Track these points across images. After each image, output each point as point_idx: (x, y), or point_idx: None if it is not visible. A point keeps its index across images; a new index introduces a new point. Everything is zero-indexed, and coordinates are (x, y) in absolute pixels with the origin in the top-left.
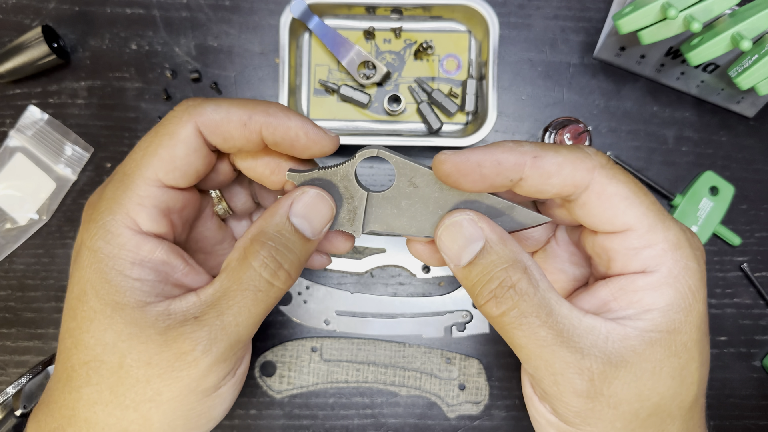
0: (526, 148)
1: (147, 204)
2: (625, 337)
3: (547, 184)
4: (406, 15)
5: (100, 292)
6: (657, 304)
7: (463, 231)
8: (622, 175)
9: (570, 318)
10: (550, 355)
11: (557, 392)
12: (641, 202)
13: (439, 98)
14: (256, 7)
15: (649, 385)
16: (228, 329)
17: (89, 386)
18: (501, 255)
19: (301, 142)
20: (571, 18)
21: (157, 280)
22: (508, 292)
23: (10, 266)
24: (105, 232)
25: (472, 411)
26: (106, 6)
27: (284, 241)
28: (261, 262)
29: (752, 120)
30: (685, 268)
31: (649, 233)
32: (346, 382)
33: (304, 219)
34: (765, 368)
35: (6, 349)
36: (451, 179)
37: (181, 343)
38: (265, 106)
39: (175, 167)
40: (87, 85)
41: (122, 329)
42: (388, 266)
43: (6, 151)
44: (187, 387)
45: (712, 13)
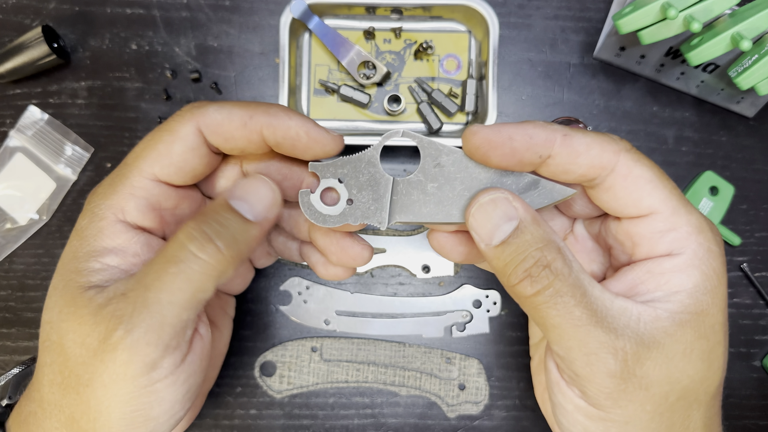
0: (557, 127)
1: (138, 195)
2: (656, 319)
3: (574, 164)
4: (406, 15)
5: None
6: (685, 285)
7: (498, 209)
8: (646, 160)
9: (603, 299)
10: (585, 334)
11: (590, 373)
12: (665, 185)
13: (439, 98)
14: (256, 7)
15: (680, 367)
16: (151, 307)
17: (47, 366)
18: (535, 235)
19: (302, 142)
20: (571, 18)
21: (120, 268)
22: (544, 271)
23: (10, 266)
24: (92, 215)
25: (472, 411)
26: (106, 6)
27: (218, 217)
28: (187, 233)
29: (752, 120)
30: (709, 250)
31: (674, 216)
32: (346, 382)
33: (242, 200)
34: (765, 368)
35: (6, 349)
36: (480, 152)
37: (108, 322)
38: (267, 106)
39: (171, 163)
40: (87, 85)
41: (63, 307)
42: (388, 266)
43: (6, 151)
44: (114, 373)
45: (712, 13)
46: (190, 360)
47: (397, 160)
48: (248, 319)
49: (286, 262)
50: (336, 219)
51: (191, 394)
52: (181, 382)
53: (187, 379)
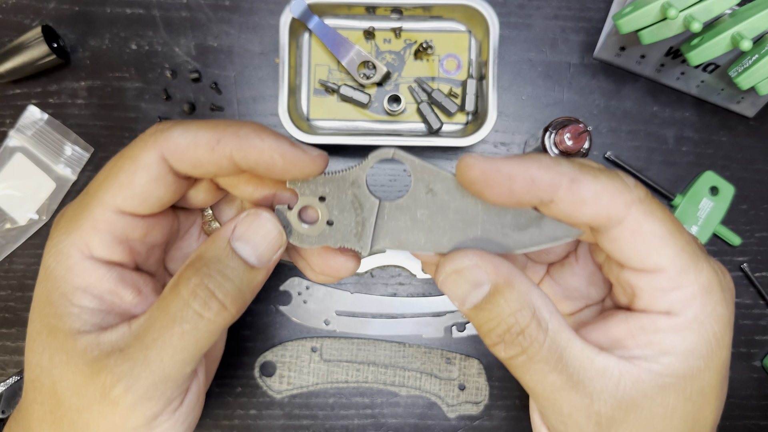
0: (564, 169)
1: (102, 229)
2: (637, 380)
3: (579, 212)
4: (406, 15)
5: (42, 313)
6: (677, 348)
7: (467, 277)
8: (660, 212)
9: (581, 359)
10: (559, 399)
11: (565, 431)
12: (676, 242)
13: (439, 98)
14: (256, 7)
15: (659, 429)
16: (151, 366)
17: (36, 404)
18: (508, 299)
19: (277, 166)
20: (571, 18)
21: (99, 309)
22: (517, 338)
23: (10, 266)
24: (57, 252)
25: (472, 411)
26: (106, 6)
27: (221, 267)
28: (191, 291)
29: (752, 120)
30: (713, 313)
31: (680, 275)
32: (346, 382)
33: (248, 244)
34: (765, 368)
35: (6, 349)
36: (475, 187)
37: (105, 377)
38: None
39: (134, 194)
40: (87, 85)
41: (54, 355)
42: (388, 266)
43: (6, 151)
44: (114, 424)
45: (712, 13)
46: (188, 401)
47: (385, 179)
48: (248, 319)
49: (285, 262)
50: (314, 240)
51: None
52: (180, 424)
53: (185, 419)
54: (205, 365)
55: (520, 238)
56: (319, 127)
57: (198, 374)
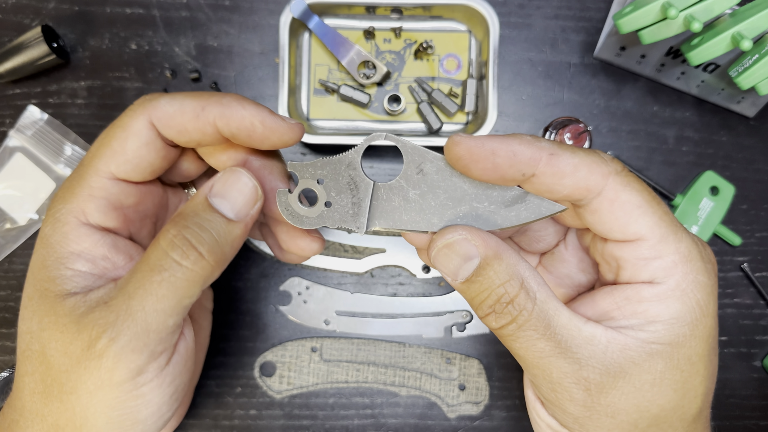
0: (544, 144)
1: (97, 195)
2: (625, 348)
3: (559, 184)
4: (406, 15)
5: (36, 278)
6: (662, 316)
7: (458, 250)
8: (637, 183)
9: (569, 327)
10: (548, 365)
11: (556, 399)
12: (654, 211)
13: (439, 98)
14: (256, 6)
15: (648, 397)
16: (134, 314)
17: (28, 375)
18: (497, 271)
19: (257, 132)
20: (572, 18)
21: (91, 273)
22: (507, 307)
23: (10, 266)
24: (54, 220)
25: (472, 411)
26: (105, 6)
27: (198, 220)
28: (169, 241)
29: (752, 120)
30: (695, 281)
31: (661, 244)
32: (346, 382)
33: (224, 198)
34: (765, 368)
35: (6, 349)
36: (461, 163)
37: (91, 330)
38: (220, 96)
39: (126, 160)
40: (87, 85)
41: (43, 317)
42: (388, 266)
43: (6, 151)
44: (100, 380)
45: (712, 12)
46: (175, 361)
47: (380, 162)
48: (248, 319)
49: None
50: (313, 221)
51: (178, 394)
52: (167, 384)
53: (173, 380)
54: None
55: (507, 214)
56: (319, 127)
57: (185, 335)
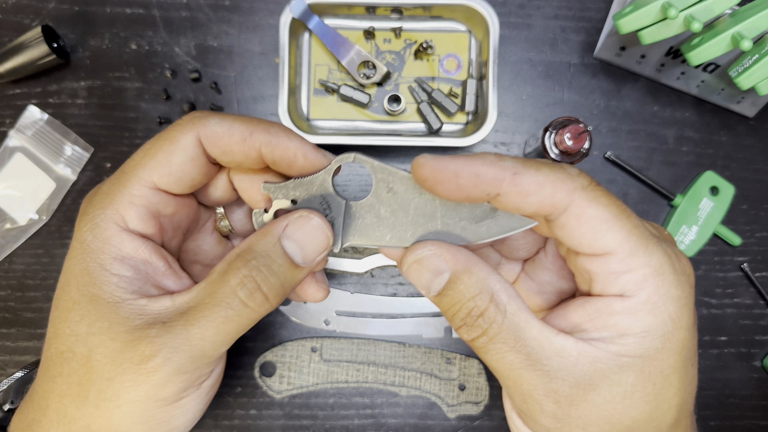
0: (507, 164)
1: (137, 203)
2: (595, 360)
3: (524, 203)
4: (406, 15)
5: (81, 283)
6: (633, 329)
7: (428, 265)
8: (604, 198)
9: (539, 339)
10: (518, 377)
11: (528, 411)
12: (622, 225)
13: (439, 98)
14: (256, 7)
15: (620, 409)
16: (192, 341)
17: (62, 377)
18: (467, 284)
19: (299, 164)
20: (572, 18)
21: (136, 278)
22: (477, 320)
23: (10, 266)
24: (93, 225)
25: (472, 411)
26: (106, 6)
27: (269, 262)
28: (239, 281)
29: (752, 120)
30: (666, 295)
31: (630, 258)
32: (346, 382)
33: (297, 244)
34: (765, 368)
35: (6, 349)
36: (427, 184)
37: (145, 347)
38: (268, 125)
39: (171, 172)
40: (87, 85)
41: (94, 322)
42: (388, 266)
43: (6, 151)
44: (146, 393)
45: (712, 12)
46: (211, 380)
47: (351, 183)
48: None
49: None
50: None
51: (210, 399)
52: (204, 394)
53: (209, 390)
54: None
55: (477, 230)
56: (319, 127)
57: (223, 357)
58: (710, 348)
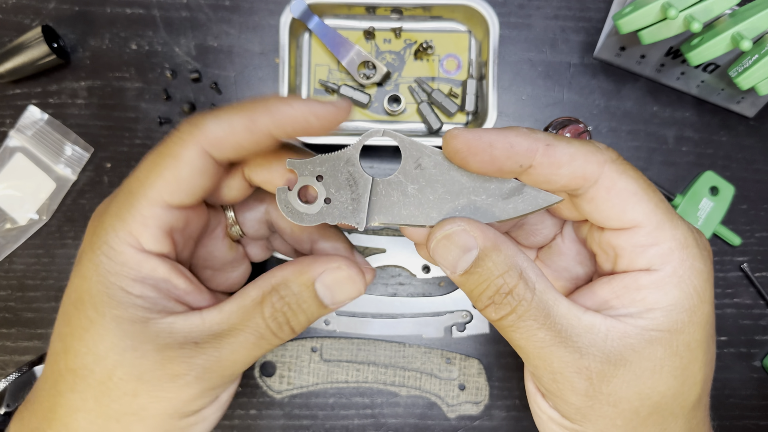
0: (540, 135)
1: (150, 224)
2: (624, 335)
3: (556, 174)
4: (406, 15)
5: (98, 304)
6: (660, 303)
7: (456, 241)
8: (632, 171)
9: (568, 317)
10: (549, 355)
11: (557, 390)
12: (650, 198)
13: (439, 98)
14: (256, 7)
15: (650, 384)
16: (223, 363)
17: (73, 393)
18: (496, 262)
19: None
20: (571, 18)
21: (158, 297)
22: (506, 298)
23: (10, 266)
24: (108, 248)
25: (472, 411)
26: (106, 6)
27: (301, 302)
28: (272, 314)
29: (752, 120)
30: (691, 268)
31: (657, 231)
32: (346, 382)
33: (329, 290)
34: (765, 368)
35: (6, 349)
36: (459, 156)
37: (177, 366)
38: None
39: (180, 188)
40: (87, 85)
41: (118, 342)
42: (388, 266)
43: (6, 151)
44: (173, 407)
45: (712, 13)
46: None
47: (378, 159)
48: None
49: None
50: (313, 218)
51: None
52: (223, 403)
53: (227, 400)
54: None
55: (505, 207)
56: None
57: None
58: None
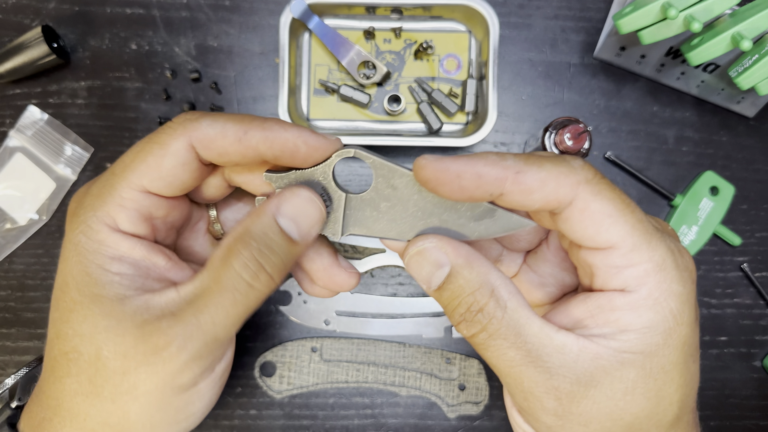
0: (509, 162)
1: (128, 206)
2: (596, 357)
3: (528, 200)
4: (406, 15)
5: (80, 284)
6: (634, 324)
7: (429, 258)
8: (608, 191)
9: (540, 336)
10: (519, 374)
11: (528, 408)
12: (626, 220)
13: (439, 98)
14: (256, 7)
15: (621, 405)
16: (204, 327)
17: (70, 377)
18: (468, 279)
19: (301, 153)
20: (572, 18)
21: (136, 275)
22: (476, 316)
23: (10, 266)
24: (86, 228)
25: (472, 411)
26: (106, 6)
27: (268, 242)
28: (242, 263)
29: (752, 120)
30: (668, 291)
31: (633, 252)
32: (346, 382)
33: (291, 220)
34: (765, 368)
35: (6, 349)
36: (429, 185)
37: (157, 338)
38: (261, 120)
39: (161, 177)
40: (87, 85)
41: (99, 321)
42: (388, 266)
43: (6, 151)
44: (163, 381)
45: (712, 13)
46: (223, 363)
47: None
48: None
49: None
50: None
51: (224, 383)
52: (218, 378)
53: (223, 374)
54: None
55: (476, 228)
56: (319, 127)
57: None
58: (710, 348)
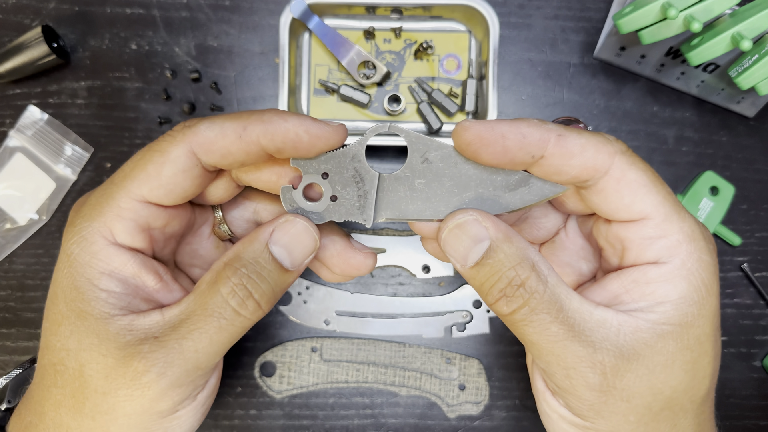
0: (551, 126)
1: (126, 216)
2: (636, 330)
3: (567, 165)
4: (406, 15)
5: (68, 298)
6: (670, 296)
7: (468, 232)
8: (641, 163)
9: (581, 311)
10: (562, 350)
11: (570, 386)
12: (658, 191)
13: (439, 98)
14: (256, 7)
15: (662, 378)
16: (186, 355)
17: (56, 387)
18: (508, 253)
19: (304, 142)
20: (571, 18)
21: (124, 293)
22: (518, 290)
23: (10, 266)
24: (80, 238)
25: (472, 411)
26: (106, 6)
27: (258, 269)
28: (230, 290)
29: (752, 120)
30: (699, 260)
31: (665, 223)
32: (346, 382)
33: (284, 249)
34: (765, 368)
35: (6, 349)
36: (471, 148)
37: (138, 362)
38: (259, 114)
39: (161, 185)
40: (87, 85)
41: (84, 338)
42: (388, 266)
43: (6, 151)
44: (141, 407)
45: (712, 13)
46: (210, 384)
47: (383, 155)
48: None
49: None
50: (319, 216)
51: (207, 409)
52: (201, 405)
53: (206, 401)
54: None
55: (511, 198)
56: None
57: (218, 365)
58: None
